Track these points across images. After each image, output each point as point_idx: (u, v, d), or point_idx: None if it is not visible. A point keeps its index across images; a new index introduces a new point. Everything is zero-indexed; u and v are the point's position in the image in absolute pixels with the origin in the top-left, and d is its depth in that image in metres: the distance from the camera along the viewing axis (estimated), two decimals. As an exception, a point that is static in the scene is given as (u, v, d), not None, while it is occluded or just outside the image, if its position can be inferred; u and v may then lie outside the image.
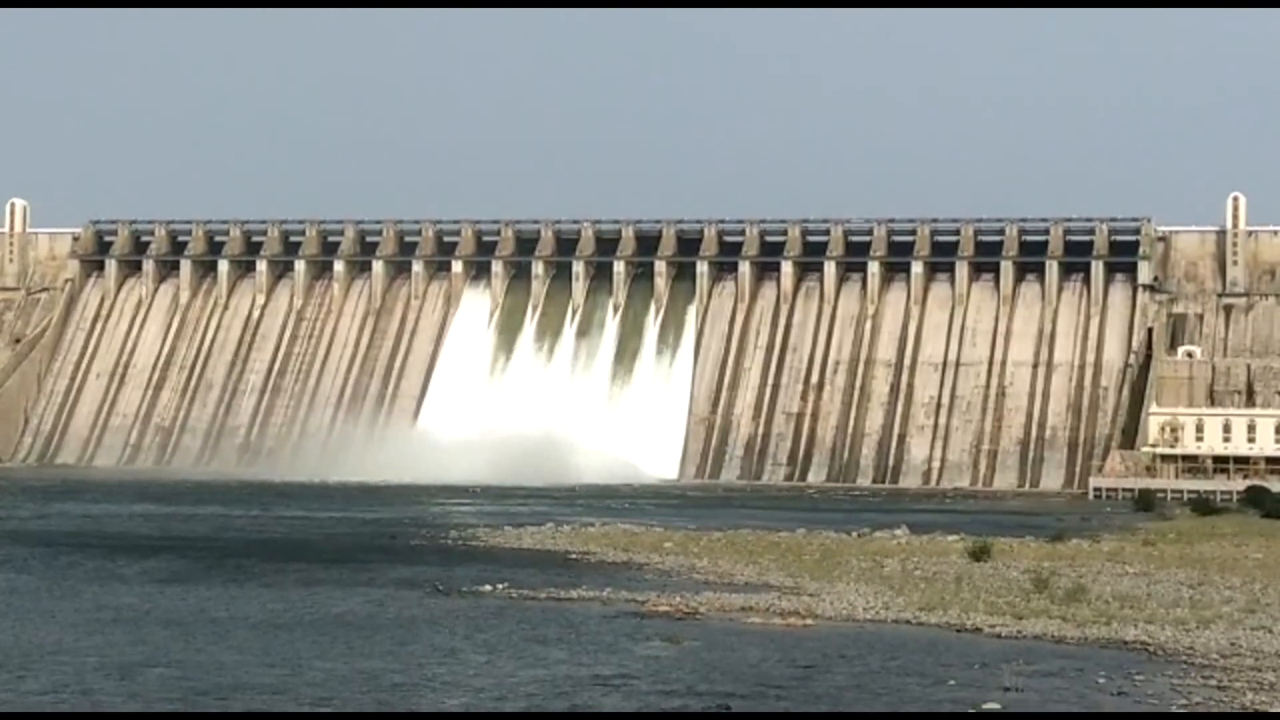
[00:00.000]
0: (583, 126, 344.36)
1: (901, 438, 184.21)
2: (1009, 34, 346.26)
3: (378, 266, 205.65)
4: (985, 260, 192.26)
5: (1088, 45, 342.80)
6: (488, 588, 63.08)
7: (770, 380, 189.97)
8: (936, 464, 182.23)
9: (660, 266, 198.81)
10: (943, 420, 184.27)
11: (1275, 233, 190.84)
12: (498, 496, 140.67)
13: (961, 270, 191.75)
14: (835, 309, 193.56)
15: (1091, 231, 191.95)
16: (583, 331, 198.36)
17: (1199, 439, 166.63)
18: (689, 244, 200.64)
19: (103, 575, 67.53)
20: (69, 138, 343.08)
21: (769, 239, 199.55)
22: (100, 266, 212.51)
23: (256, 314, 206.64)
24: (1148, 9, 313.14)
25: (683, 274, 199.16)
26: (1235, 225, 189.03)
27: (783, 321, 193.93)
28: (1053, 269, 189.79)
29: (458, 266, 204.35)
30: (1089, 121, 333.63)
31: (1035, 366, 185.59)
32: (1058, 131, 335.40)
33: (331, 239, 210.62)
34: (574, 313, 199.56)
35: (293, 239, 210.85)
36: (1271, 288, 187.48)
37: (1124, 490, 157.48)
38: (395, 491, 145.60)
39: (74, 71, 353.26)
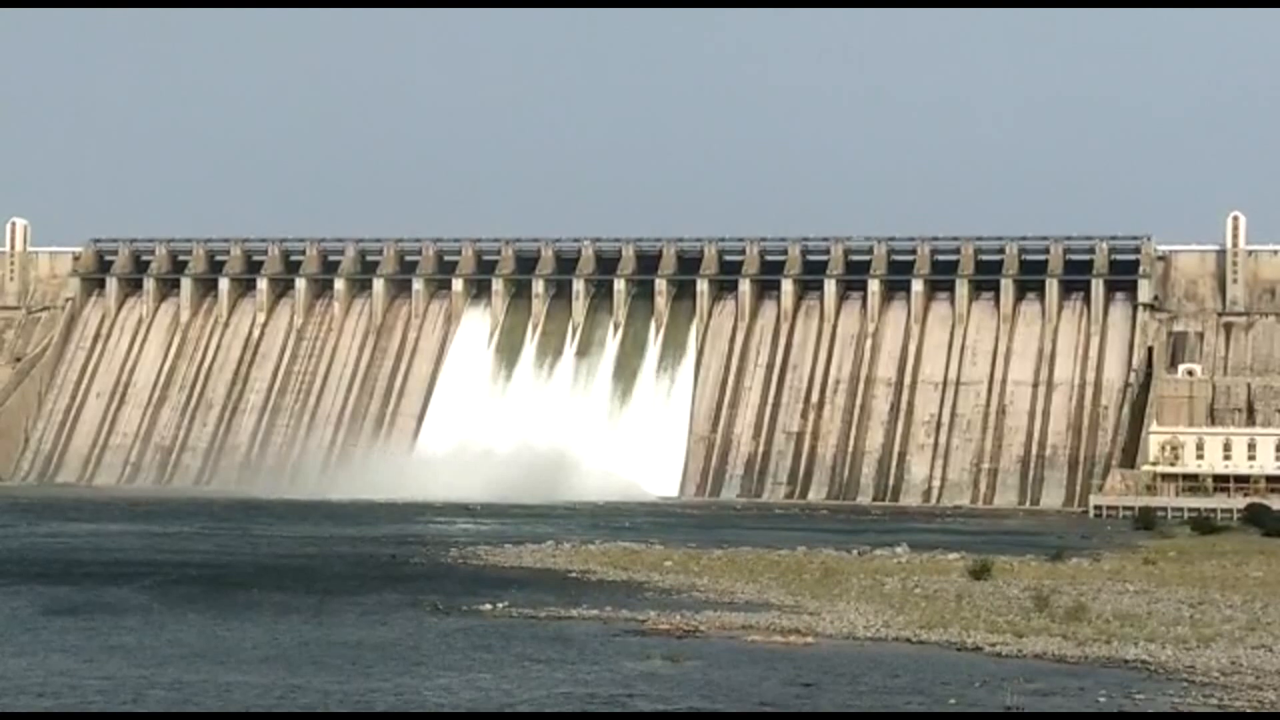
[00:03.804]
0: (583, 145, 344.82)
1: (902, 456, 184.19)
2: (1010, 50, 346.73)
3: (378, 285, 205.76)
4: (985, 279, 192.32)
5: (1088, 63, 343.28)
6: (488, 606, 63.04)
7: (770, 399, 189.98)
8: (937, 482, 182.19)
9: (660, 285, 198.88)
10: (943, 439, 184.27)
11: (1275, 252, 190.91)
12: (498, 515, 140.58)
13: (961, 289, 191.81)
14: (835, 327, 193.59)
15: (1091, 250, 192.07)
16: (583, 350, 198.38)
17: (1199, 457, 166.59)
18: (689, 262, 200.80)
19: (102, 599, 67.47)
20: (70, 157, 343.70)
21: (769, 257, 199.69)
22: (101, 285, 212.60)
23: (257, 333, 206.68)
24: (1148, 11, 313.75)
25: (683, 293, 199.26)
26: (1235, 244, 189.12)
27: (783, 340, 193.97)
28: (1053, 288, 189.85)
29: (458, 285, 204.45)
30: (1089, 139, 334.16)
31: (1035, 385, 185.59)
32: (1058, 148, 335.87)
33: (332, 258, 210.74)
34: (574, 331, 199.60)
35: (293, 258, 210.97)
36: (1272, 306, 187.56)
37: (1124, 509, 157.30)
38: (395, 510, 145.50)
39: (75, 90, 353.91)
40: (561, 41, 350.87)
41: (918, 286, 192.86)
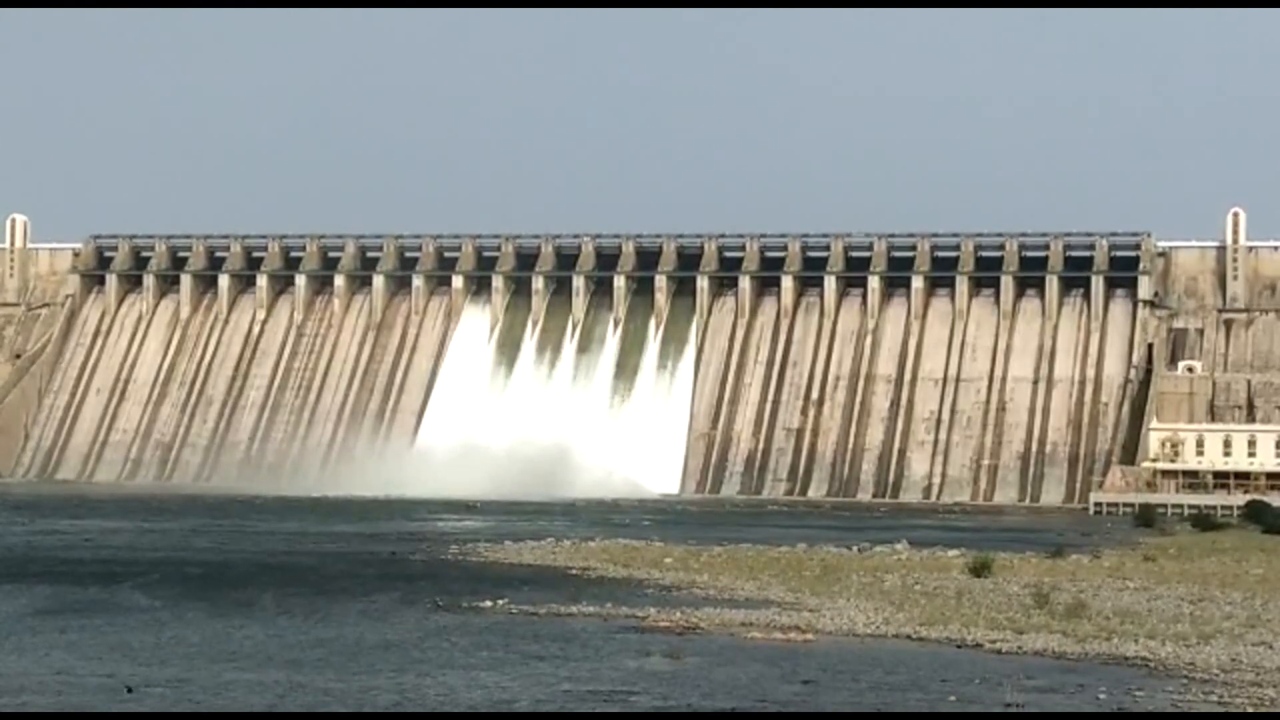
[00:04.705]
0: (583, 141, 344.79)
1: (902, 453, 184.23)
2: (1010, 49, 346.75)
3: (378, 281, 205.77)
4: (985, 275, 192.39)
5: (1088, 61, 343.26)
6: (488, 603, 63.03)
7: (770, 395, 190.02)
8: (937, 479, 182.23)
9: (660, 281, 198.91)
10: (943, 435, 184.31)
11: (1275, 248, 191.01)
12: (498, 512, 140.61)
13: (962, 285, 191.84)
14: (835, 324, 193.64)
15: (1091, 247, 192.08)
16: (583, 347, 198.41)
17: (1199, 454, 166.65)
18: (689, 259, 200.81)
19: (102, 596, 67.47)
20: (69, 153, 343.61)
21: (769, 254, 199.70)
22: (101, 282, 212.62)
23: (257, 329, 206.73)
24: (1148, 11, 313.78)
25: (683, 289, 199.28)
26: (1235, 240, 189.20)
27: (783, 337, 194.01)
28: (1053, 284, 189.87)
29: (458, 282, 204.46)
30: (1089, 136, 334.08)
31: (1035, 382, 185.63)
32: (1057, 145, 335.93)
33: (332, 254, 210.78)
34: (574, 328, 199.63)
35: (293, 254, 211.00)
36: (1272, 303, 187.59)
37: (1124, 505, 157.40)
38: (395, 506, 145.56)
39: (74, 86, 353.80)
40: (561, 41, 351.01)
41: (918, 283, 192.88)
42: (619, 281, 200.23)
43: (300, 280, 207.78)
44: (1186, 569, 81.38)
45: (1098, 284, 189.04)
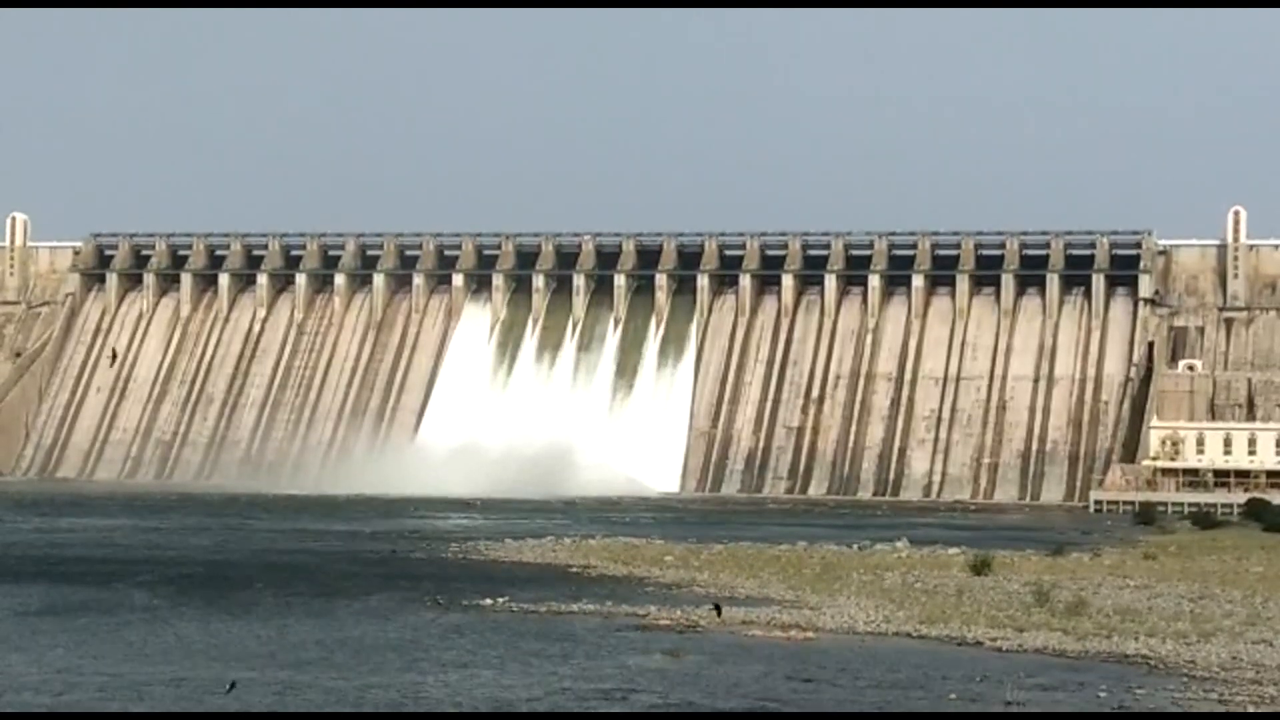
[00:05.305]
0: (583, 139, 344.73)
1: (902, 451, 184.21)
2: (1011, 48, 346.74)
3: (379, 280, 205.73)
4: (986, 274, 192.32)
5: (1089, 60, 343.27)
6: (488, 601, 63.05)
7: (771, 394, 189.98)
8: (937, 477, 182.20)
9: (661, 280, 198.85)
10: (943, 434, 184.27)
11: (1276, 247, 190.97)
12: (498, 510, 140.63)
13: (962, 284, 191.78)
14: (836, 323, 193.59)
15: (1092, 245, 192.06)
16: (583, 345, 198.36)
17: (1200, 452, 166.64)
18: (690, 257, 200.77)
19: (103, 595, 67.47)
20: (70, 151, 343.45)
21: (769, 252, 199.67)
22: (101, 280, 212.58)
23: (257, 327, 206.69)
24: (1149, 10, 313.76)
25: (683, 287, 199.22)
26: (1236, 239, 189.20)
27: (783, 335, 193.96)
28: (1053, 283, 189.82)
29: (458, 280, 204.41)
30: (1090, 134, 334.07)
31: (1036, 380, 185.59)
32: (1058, 144, 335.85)
33: (332, 252, 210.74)
34: (575, 326, 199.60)
35: (294, 252, 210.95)
36: (1272, 301, 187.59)
37: (1125, 503, 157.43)
38: (396, 505, 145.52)
39: (75, 85, 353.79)
40: (561, 39, 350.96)
41: (918, 282, 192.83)
42: (619, 280, 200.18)
43: (300, 279, 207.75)
44: (1187, 567, 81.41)
45: (1098, 282, 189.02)
